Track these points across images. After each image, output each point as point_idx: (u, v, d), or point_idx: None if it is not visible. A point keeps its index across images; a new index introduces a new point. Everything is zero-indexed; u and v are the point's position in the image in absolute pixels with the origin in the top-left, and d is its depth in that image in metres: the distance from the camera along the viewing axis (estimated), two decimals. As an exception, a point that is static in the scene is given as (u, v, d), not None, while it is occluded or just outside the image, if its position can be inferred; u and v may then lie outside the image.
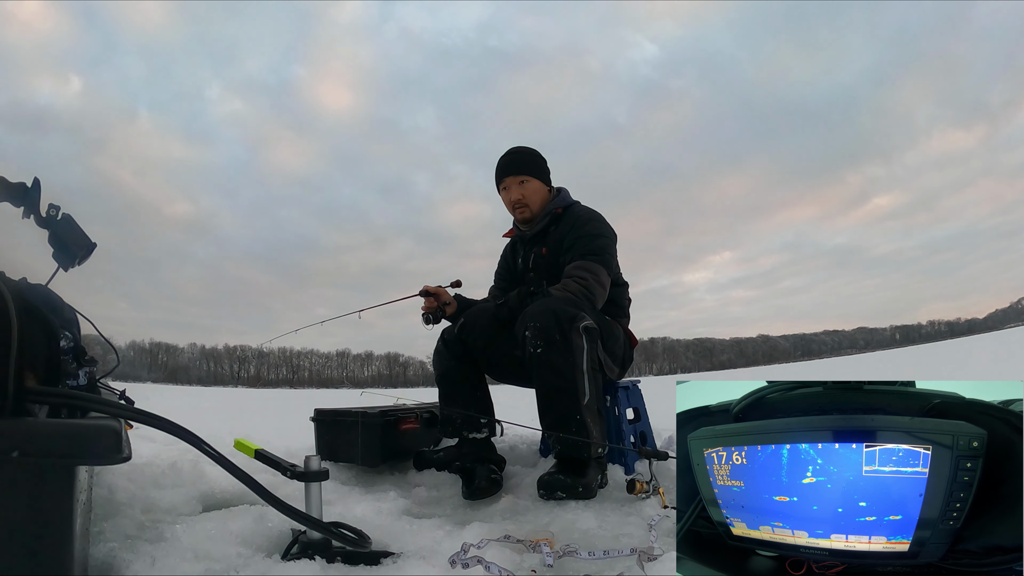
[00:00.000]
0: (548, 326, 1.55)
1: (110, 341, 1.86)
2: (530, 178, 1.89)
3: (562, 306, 1.58)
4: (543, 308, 1.59)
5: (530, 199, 1.88)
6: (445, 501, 1.65)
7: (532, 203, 1.89)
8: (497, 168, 1.93)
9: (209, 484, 1.52)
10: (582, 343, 1.56)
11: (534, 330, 1.56)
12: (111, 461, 0.55)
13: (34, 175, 1.39)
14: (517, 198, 1.88)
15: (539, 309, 1.59)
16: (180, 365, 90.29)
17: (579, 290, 1.67)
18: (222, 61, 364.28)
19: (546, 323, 1.55)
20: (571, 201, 1.93)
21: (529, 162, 1.91)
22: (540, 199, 1.90)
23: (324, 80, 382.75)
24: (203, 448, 0.82)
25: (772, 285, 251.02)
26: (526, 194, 1.88)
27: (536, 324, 1.56)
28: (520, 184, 1.88)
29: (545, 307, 1.58)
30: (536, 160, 1.93)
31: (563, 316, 1.55)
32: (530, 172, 1.89)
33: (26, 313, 0.61)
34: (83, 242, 1.50)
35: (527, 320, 1.59)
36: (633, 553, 1.04)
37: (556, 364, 1.55)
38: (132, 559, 0.98)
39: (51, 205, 1.44)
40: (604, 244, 1.78)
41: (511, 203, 1.91)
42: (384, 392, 3.64)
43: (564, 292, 1.67)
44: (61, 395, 0.68)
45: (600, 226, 1.83)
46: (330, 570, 0.98)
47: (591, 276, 1.70)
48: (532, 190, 1.88)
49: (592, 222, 1.83)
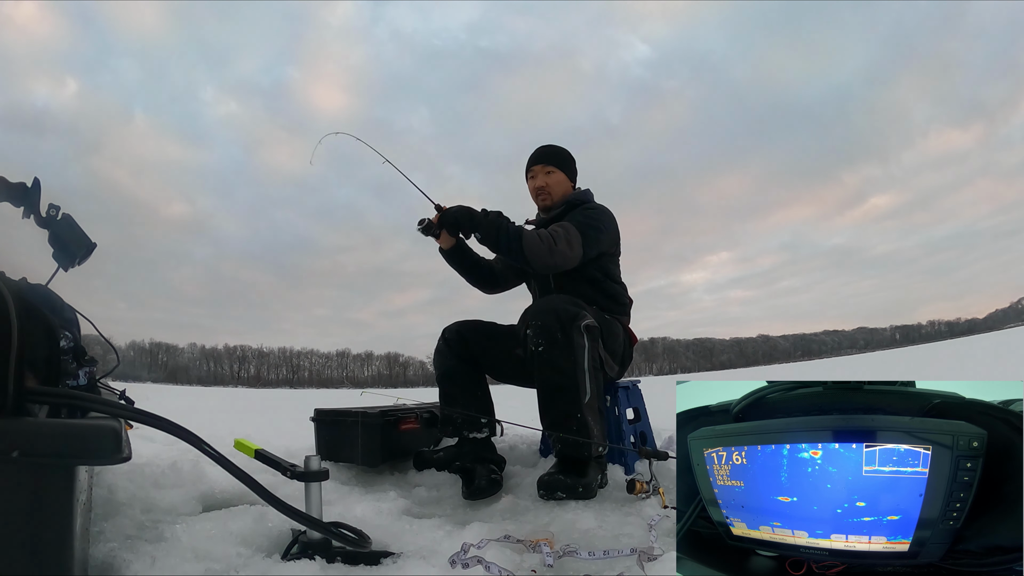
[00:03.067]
0: (550, 324, 1.55)
1: (110, 341, 1.86)
2: (556, 170, 1.96)
3: (564, 305, 1.58)
4: (544, 307, 1.59)
5: (552, 188, 1.95)
6: (445, 501, 1.64)
7: (554, 192, 1.96)
8: (529, 158, 2.01)
9: (209, 484, 1.52)
10: (584, 341, 1.55)
11: (536, 328, 1.56)
12: (111, 461, 0.55)
13: (32, 176, 1.39)
14: (541, 185, 1.96)
15: (540, 307, 1.59)
16: (180, 365, 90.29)
17: (546, 237, 1.69)
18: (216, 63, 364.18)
19: (548, 321, 1.55)
20: (591, 197, 1.98)
21: (558, 156, 1.99)
22: (562, 191, 1.97)
23: (317, 82, 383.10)
24: (203, 448, 0.82)
25: (770, 285, 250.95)
26: (549, 183, 1.95)
27: (538, 323, 1.56)
28: (547, 174, 1.96)
29: (547, 306, 1.59)
30: (565, 156, 2.01)
31: (565, 315, 1.55)
32: (558, 164, 1.97)
33: (26, 313, 0.61)
34: (83, 242, 1.50)
35: (528, 318, 1.59)
36: (633, 553, 1.04)
37: (558, 363, 1.54)
38: (132, 559, 0.98)
39: (51, 205, 1.44)
40: (594, 224, 1.80)
41: (534, 189, 1.98)
42: (384, 392, 3.63)
43: (531, 234, 1.69)
44: (61, 395, 0.68)
45: (601, 216, 1.85)
46: (330, 570, 0.98)
47: (563, 232, 1.71)
48: (556, 181, 1.96)
49: (596, 210, 1.87)
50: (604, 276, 1.87)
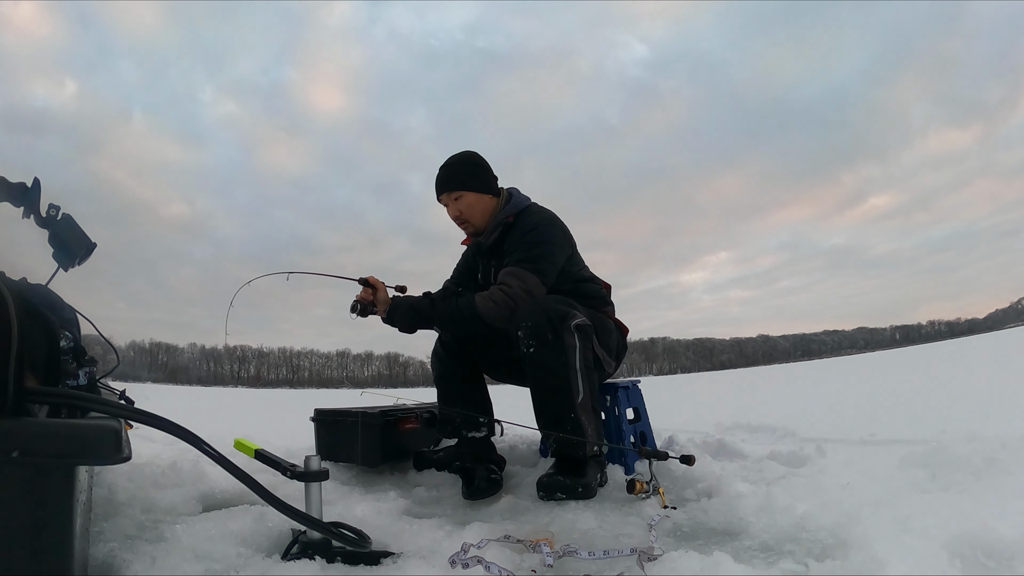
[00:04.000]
0: (540, 325, 1.53)
1: (110, 341, 1.86)
2: (464, 192, 1.77)
3: (554, 305, 1.56)
4: (534, 308, 1.56)
5: (469, 214, 1.79)
6: (445, 501, 1.65)
7: (472, 217, 1.79)
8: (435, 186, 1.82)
9: (209, 484, 1.52)
10: (575, 341, 1.54)
11: (526, 330, 1.54)
12: (111, 461, 0.55)
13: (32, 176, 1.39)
14: (455, 216, 1.80)
15: (531, 309, 1.57)
16: (180, 365, 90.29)
17: (503, 299, 1.60)
18: (214, 64, 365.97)
19: (538, 322, 1.53)
20: (523, 206, 1.80)
21: (459, 176, 1.79)
22: (482, 211, 1.79)
23: (315, 82, 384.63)
24: (203, 448, 0.82)
25: (770, 285, 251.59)
26: (463, 210, 1.78)
27: (528, 324, 1.54)
28: (455, 201, 1.78)
29: (536, 307, 1.57)
30: (468, 171, 1.80)
31: (555, 315, 1.53)
32: (462, 186, 1.78)
33: (26, 313, 0.61)
34: (83, 242, 1.50)
35: (519, 320, 1.57)
36: (633, 553, 1.04)
37: (549, 364, 1.53)
38: (132, 559, 0.99)
39: (51, 205, 1.44)
40: (542, 252, 1.66)
41: (453, 219, 1.83)
42: (384, 392, 3.64)
43: (486, 300, 1.61)
44: (61, 395, 0.68)
45: (544, 232, 1.70)
46: (330, 570, 0.98)
47: (518, 284, 1.61)
48: (468, 204, 1.78)
49: (536, 229, 1.70)
50: (573, 284, 1.77)
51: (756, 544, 1.11)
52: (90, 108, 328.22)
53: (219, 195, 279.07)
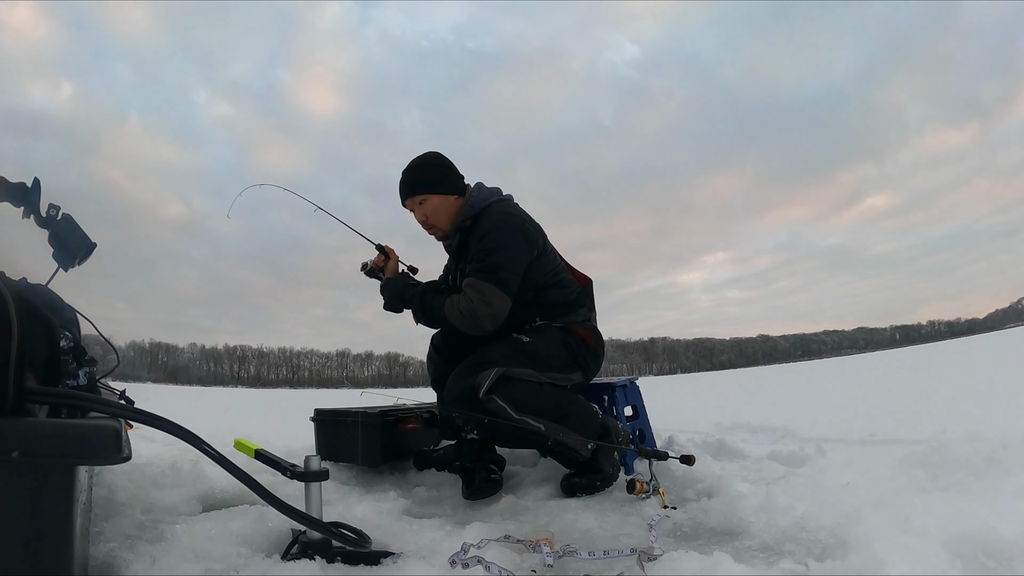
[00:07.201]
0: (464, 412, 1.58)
1: (110, 341, 1.86)
2: (428, 196, 1.73)
3: (461, 385, 1.58)
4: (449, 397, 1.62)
5: (435, 218, 1.75)
6: (445, 501, 1.65)
7: (439, 221, 1.75)
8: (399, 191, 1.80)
9: (209, 484, 1.52)
10: (499, 403, 1.52)
11: (461, 419, 1.66)
12: (111, 461, 0.55)
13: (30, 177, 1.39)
14: (421, 220, 1.77)
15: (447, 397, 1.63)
16: (180, 365, 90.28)
17: (466, 309, 1.58)
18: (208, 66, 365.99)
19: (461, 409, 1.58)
20: (481, 206, 1.73)
21: (421, 180, 1.74)
22: (448, 213, 1.75)
23: (308, 84, 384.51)
24: (203, 448, 0.82)
25: (768, 285, 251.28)
26: (428, 215, 1.74)
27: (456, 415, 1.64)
28: (420, 205, 1.74)
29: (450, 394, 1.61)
30: (430, 173, 1.75)
31: (469, 394, 1.55)
32: (425, 189, 1.73)
33: (26, 313, 0.61)
34: (83, 242, 1.50)
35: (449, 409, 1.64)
36: (633, 553, 1.04)
37: (499, 432, 1.62)
38: (132, 559, 0.99)
39: (51, 205, 1.44)
40: (498, 260, 1.60)
41: (420, 224, 1.79)
42: (384, 392, 3.64)
43: (452, 308, 1.61)
44: (61, 395, 0.68)
45: (498, 238, 1.63)
46: (330, 570, 0.98)
47: (476, 296, 1.57)
48: (433, 207, 1.74)
49: (490, 234, 1.64)
50: (535, 291, 1.69)
51: (756, 544, 1.11)
52: (86, 110, 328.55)
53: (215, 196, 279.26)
